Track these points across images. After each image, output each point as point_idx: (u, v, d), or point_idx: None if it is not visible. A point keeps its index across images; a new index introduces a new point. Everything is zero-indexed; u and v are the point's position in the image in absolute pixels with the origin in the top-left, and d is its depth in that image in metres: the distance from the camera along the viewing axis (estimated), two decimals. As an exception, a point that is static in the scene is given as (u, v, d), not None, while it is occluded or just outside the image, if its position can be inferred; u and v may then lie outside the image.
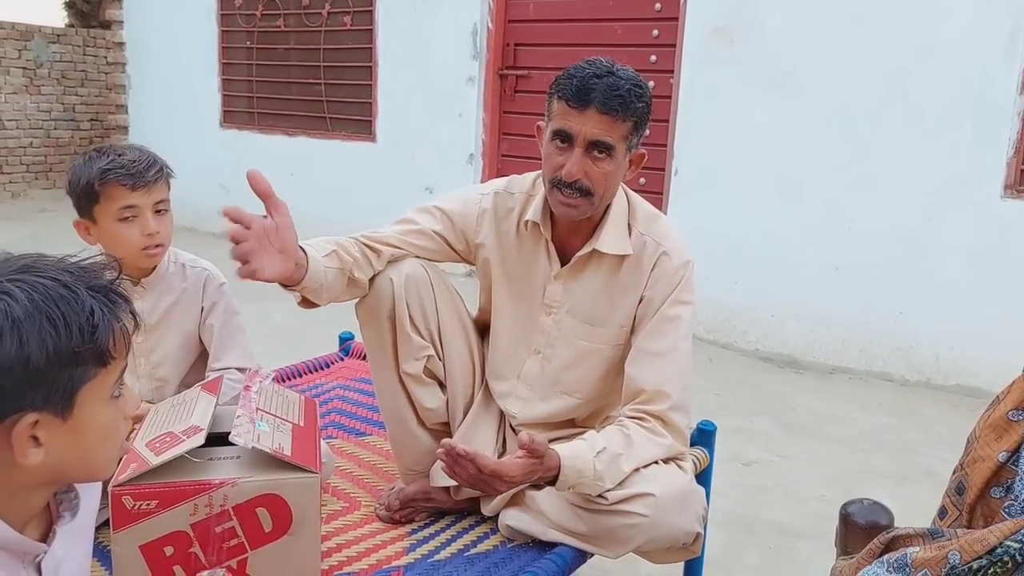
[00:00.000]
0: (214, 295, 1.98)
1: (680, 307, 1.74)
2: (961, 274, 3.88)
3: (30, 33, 8.72)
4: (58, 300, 0.90)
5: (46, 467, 0.94)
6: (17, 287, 0.89)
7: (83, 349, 0.91)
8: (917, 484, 2.92)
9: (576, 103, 1.61)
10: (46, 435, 0.92)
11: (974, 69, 3.77)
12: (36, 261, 0.94)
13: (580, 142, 1.63)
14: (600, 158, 1.64)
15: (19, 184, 8.84)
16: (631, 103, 1.62)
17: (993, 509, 1.20)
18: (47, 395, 0.90)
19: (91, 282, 0.94)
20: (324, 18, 6.22)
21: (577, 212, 1.69)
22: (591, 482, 1.58)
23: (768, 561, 2.45)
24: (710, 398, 3.62)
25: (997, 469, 1.20)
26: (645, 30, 4.83)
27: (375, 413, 2.35)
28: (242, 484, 1.38)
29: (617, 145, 1.64)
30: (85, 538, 1.17)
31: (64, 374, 0.91)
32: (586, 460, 1.57)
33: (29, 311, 0.87)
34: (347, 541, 1.75)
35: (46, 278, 0.91)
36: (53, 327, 0.88)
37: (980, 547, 1.08)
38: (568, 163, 1.64)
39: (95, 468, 1.01)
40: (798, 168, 4.25)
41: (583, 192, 1.66)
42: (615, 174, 1.68)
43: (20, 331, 0.87)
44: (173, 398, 1.69)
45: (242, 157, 6.82)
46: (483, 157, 5.61)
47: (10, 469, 0.92)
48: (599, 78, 1.61)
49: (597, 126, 1.61)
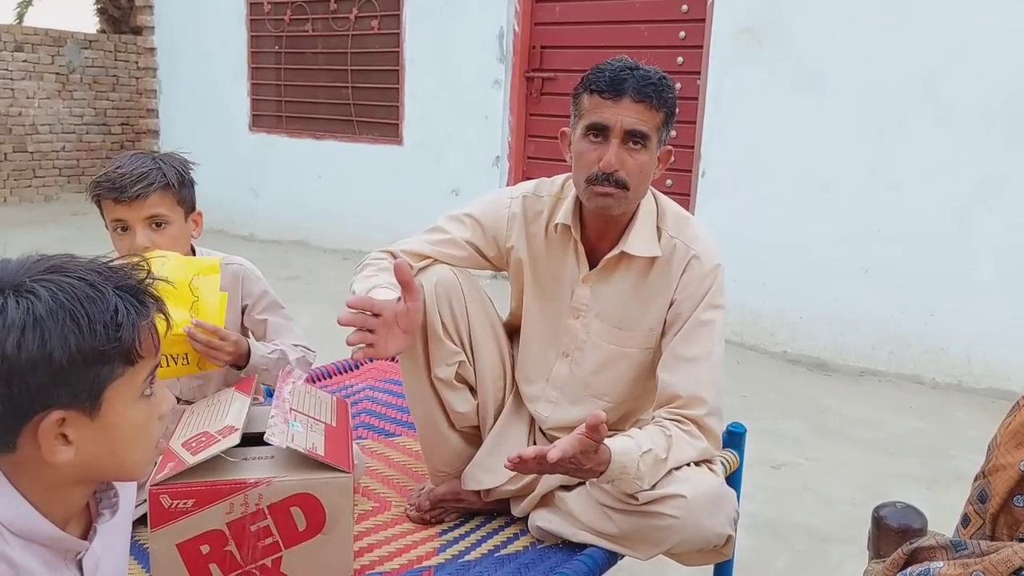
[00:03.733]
0: (255, 289, 1.97)
1: (713, 311, 1.74)
2: (992, 276, 3.84)
3: (63, 39, 8.86)
4: (83, 299, 0.91)
5: (78, 465, 0.95)
6: (43, 287, 0.90)
7: (108, 347, 0.92)
8: (948, 488, 2.89)
9: (611, 94, 1.62)
10: (75, 433, 0.93)
11: (1006, 71, 3.73)
12: (66, 262, 0.95)
13: (616, 132, 1.63)
14: (636, 149, 1.65)
15: (52, 188, 8.98)
16: (663, 92, 1.64)
17: (1017, 518, 1.19)
18: (73, 393, 0.91)
19: (119, 282, 0.95)
20: (351, 22, 6.26)
21: (614, 203, 1.68)
22: (631, 480, 1.58)
23: (798, 565, 2.43)
24: (738, 401, 3.60)
25: (1020, 478, 1.18)
26: (672, 32, 4.82)
27: (404, 414, 2.37)
28: (277, 484, 1.40)
29: (651, 135, 1.65)
30: (123, 536, 1.19)
31: (89, 372, 0.92)
32: (632, 457, 1.57)
33: (52, 309, 0.89)
34: (378, 541, 1.77)
35: (73, 278, 0.92)
36: (76, 325, 0.89)
37: (1005, 568, 1.06)
38: (606, 154, 1.64)
39: (128, 467, 1.01)
40: (827, 170, 4.22)
41: (620, 184, 1.65)
42: (649, 167, 1.69)
43: (43, 329, 0.88)
44: (207, 398, 1.71)
45: (270, 160, 6.90)
46: (509, 160, 5.63)
47: (43, 467, 0.94)
48: (630, 70, 1.63)
49: (633, 114, 1.62)
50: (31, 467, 0.94)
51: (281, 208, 6.91)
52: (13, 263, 0.94)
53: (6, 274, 0.92)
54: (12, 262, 0.94)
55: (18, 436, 0.92)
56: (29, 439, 0.92)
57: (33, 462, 0.93)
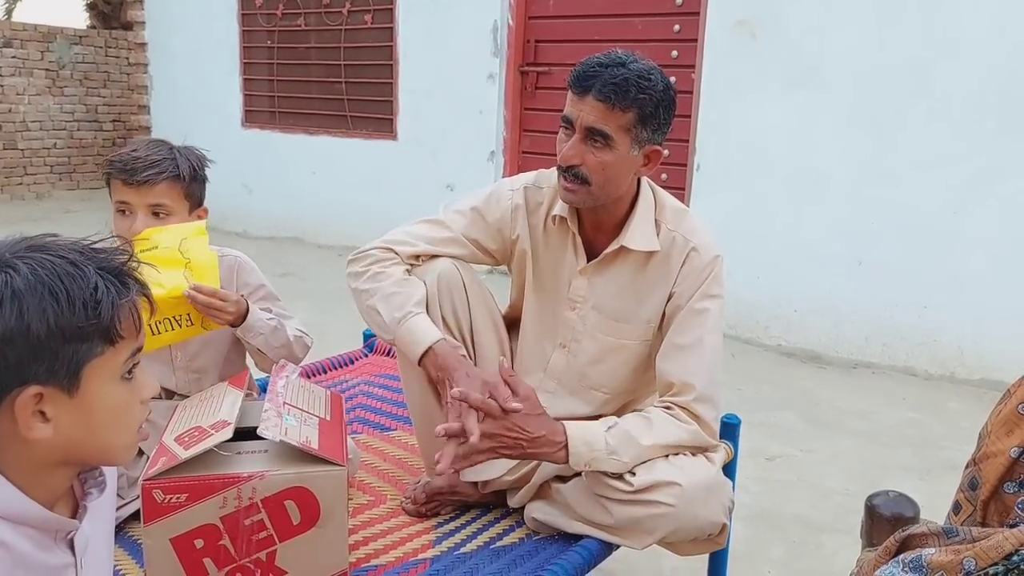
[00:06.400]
0: (252, 280, 1.97)
1: (708, 300, 1.74)
2: (985, 268, 3.85)
3: (52, 35, 8.82)
4: (62, 275, 0.91)
5: (58, 445, 0.95)
6: (23, 263, 0.91)
7: (86, 324, 0.92)
8: (941, 478, 2.90)
9: (577, 89, 1.64)
10: (53, 410, 0.93)
11: (999, 62, 3.73)
12: (48, 241, 0.96)
13: (578, 128, 1.65)
14: (597, 146, 1.65)
15: (43, 185, 8.95)
16: (629, 93, 1.60)
17: (1007, 505, 1.19)
18: (51, 368, 0.91)
19: (101, 263, 0.96)
20: (344, 17, 6.25)
21: (575, 199, 1.70)
22: (606, 456, 1.59)
23: (792, 555, 2.44)
24: (733, 393, 3.61)
25: (1010, 465, 1.19)
26: (666, 25, 4.82)
27: (399, 408, 2.37)
28: (270, 477, 1.39)
29: (616, 136, 1.63)
30: (107, 517, 1.19)
31: (68, 348, 0.92)
32: (595, 432, 1.59)
33: (31, 283, 0.89)
34: (374, 534, 1.77)
35: (54, 255, 0.93)
36: (55, 300, 0.90)
37: (995, 554, 1.07)
38: (565, 148, 1.66)
39: (108, 451, 1.01)
40: (821, 162, 4.22)
41: (580, 179, 1.67)
42: (615, 166, 1.66)
43: (20, 302, 0.89)
44: (200, 393, 1.71)
45: (264, 156, 6.88)
46: (504, 154, 5.62)
47: (23, 445, 0.94)
48: (604, 67, 1.62)
49: (592, 113, 1.62)
50: (11, 446, 0.94)
51: (275, 204, 6.90)
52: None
53: None
54: None
55: None
56: (7, 415, 0.92)
57: (12, 440, 0.94)
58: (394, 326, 1.73)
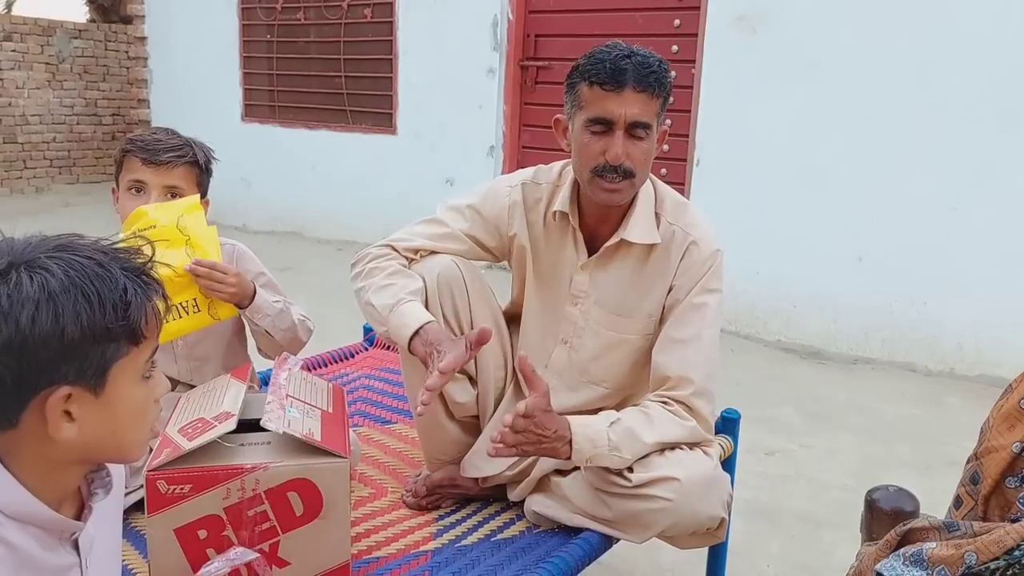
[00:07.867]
0: (252, 268, 1.98)
1: (707, 295, 1.74)
2: (985, 264, 3.86)
3: (52, 28, 8.82)
4: (93, 277, 0.92)
5: (79, 444, 0.96)
6: (55, 263, 0.91)
7: (116, 326, 0.93)
8: (940, 473, 2.91)
9: (612, 86, 1.61)
10: (79, 410, 0.94)
11: (1000, 58, 3.73)
12: (72, 241, 0.97)
13: (620, 124, 1.63)
14: (640, 138, 1.65)
15: (43, 179, 8.95)
16: (663, 77, 1.64)
17: (1009, 499, 1.20)
18: (80, 369, 0.92)
19: (124, 263, 0.97)
20: (344, 11, 6.24)
21: (621, 196, 1.69)
22: (608, 453, 1.59)
23: (791, 549, 2.45)
24: (732, 389, 3.61)
25: (1012, 460, 1.19)
26: (667, 19, 4.82)
27: (400, 402, 2.38)
28: (273, 469, 1.40)
29: (653, 123, 1.65)
30: (115, 518, 1.20)
31: (98, 349, 0.93)
32: (598, 429, 1.59)
33: (65, 285, 0.90)
34: (375, 527, 1.78)
35: (82, 256, 0.94)
36: (88, 302, 0.91)
37: (997, 548, 1.08)
38: (612, 147, 1.63)
39: (125, 448, 1.02)
40: (821, 158, 4.23)
41: (626, 175, 1.66)
42: (652, 153, 1.69)
43: (56, 304, 0.89)
44: (203, 385, 1.71)
45: (263, 150, 6.88)
46: (504, 149, 5.62)
47: (45, 444, 0.94)
48: (627, 58, 1.61)
49: (636, 106, 1.62)
50: (31, 445, 0.95)
51: (274, 199, 6.89)
52: (19, 241, 0.95)
53: (15, 250, 0.93)
54: (18, 240, 0.95)
55: (23, 411, 0.92)
56: (34, 415, 0.93)
57: (34, 439, 0.94)
58: (386, 313, 1.71)
